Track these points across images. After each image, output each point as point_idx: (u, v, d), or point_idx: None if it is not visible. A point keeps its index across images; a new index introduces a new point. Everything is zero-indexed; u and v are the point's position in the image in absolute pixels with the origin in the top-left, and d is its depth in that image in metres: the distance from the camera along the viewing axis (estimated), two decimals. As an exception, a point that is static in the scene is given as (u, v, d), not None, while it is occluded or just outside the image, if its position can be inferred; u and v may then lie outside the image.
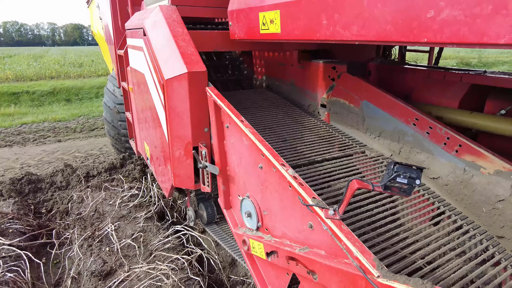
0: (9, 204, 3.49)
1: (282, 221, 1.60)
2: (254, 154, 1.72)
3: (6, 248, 2.74)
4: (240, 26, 2.21)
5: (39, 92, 13.18)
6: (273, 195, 1.63)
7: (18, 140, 6.73)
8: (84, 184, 4.10)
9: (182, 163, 2.20)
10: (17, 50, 34.20)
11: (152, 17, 2.43)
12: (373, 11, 1.29)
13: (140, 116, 3.07)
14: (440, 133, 2.02)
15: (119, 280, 2.37)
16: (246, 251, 1.86)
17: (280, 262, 1.58)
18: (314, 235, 1.37)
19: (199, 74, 2.02)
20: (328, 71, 2.69)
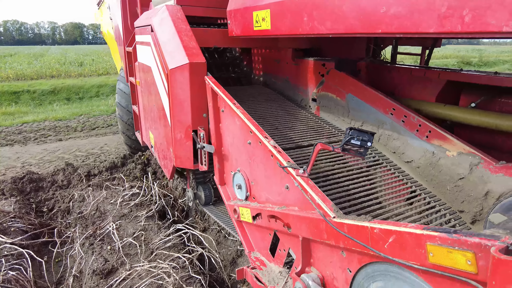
0: (11, 203, 3.51)
1: (266, 188, 1.90)
2: (244, 133, 2.00)
3: (8, 246, 2.75)
4: (237, 24, 2.46)
5: (39, 91, 13.19)
6: (259, 166, 1.93)
7: (19, 139, 6.74)
8: (85, 183, 4.12)
9: (182, 145, 2.47)
10: (17, 49, 34.19)
11: (159, 15, 2.69)
12: (342, 9, 1.57)
13: (146, 106, 3.31)
14: (413, 121, 2.27)
15: (121, 279, 2.39)
16: (236, 219, 2.19)
17: (263, 222, 1.89)
18: (290, 195, 1.69)
19: (199, 65, 2.28)
20: (318, 68, 2.94)
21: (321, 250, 1.52)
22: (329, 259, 1.47)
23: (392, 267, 1.19)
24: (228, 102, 2.07)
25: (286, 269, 1.84)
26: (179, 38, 2.40)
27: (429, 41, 3.71)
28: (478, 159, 1.92)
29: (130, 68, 3.82)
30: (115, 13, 4.43)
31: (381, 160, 2.29)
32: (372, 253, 1.18)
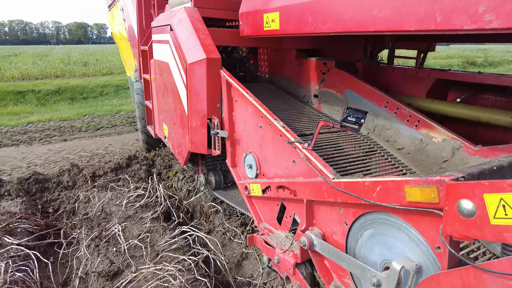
0: (17, 204, 3.53)
1: (275, 164, 2.20)
2: (256, 118, 2.31)
3: (15, 247, 2.77)
4: (248, 25, 2.75)
5: (44, 91, 13.27)
6: (268, 146, 2.24)
7: (24, 139, 6.78)
8: (91, 184, 4.13)
9: (198, 132, 2.77)
10: (22, 49, 34.41)
11: (178, 16, 2.98)
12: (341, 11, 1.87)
13: (160, 100, 3.58)
14: (404, 112, 2.57)
15: (127, 281, 2.39)
16: (247, 195, 2.50)
17: (272, 193, 2.18)
18: (296, 168, 1.97)
19: (215, 60, 2.58)
20: (320, 67, 3.24)
21: (322, 210, 1.81)
22: (329, 217, 1.77)
23: (379, 214, 1.48)
24: (242, 91, 2.39)
25: (291, 233, 2.11)
26: (197, 36, 2.69)
27: (423, 45, 3.95)
28: (459, 143, 2.19)
29: (145, 65, 4.06)
30: (129, 14, 4.71)
31: (376, 148, 2.56)
32: (364, 203, 1.47)
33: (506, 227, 0.97)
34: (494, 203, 1.00)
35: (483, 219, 1.03)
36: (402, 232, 1.40)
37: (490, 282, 1.02)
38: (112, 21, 6.64)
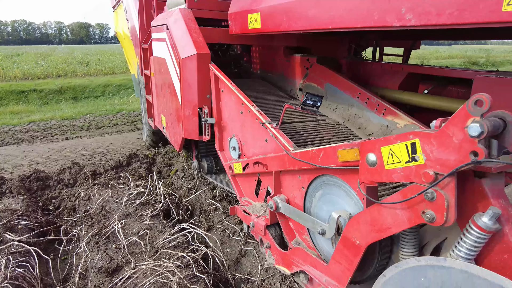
0: (18, 201, 3.55)
1: (252, 145, 2.51)
2: (238, 105, 2.60)
3: (15, 244, 2.79)
4: (236, 24, 3.06)
5: (46, 90, 13.33)
6: (248, 129, 2.53)
7: (26, 138, 6.81)
8: (91, 182, 4.15)
9: (190, 120, 3.06)
10: (24, 49, 34.56)
11: (173, 16, 3.27)
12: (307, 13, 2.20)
13: (159, 93, 3.89)
14: (373, 102, 2.85)
15: (126, 277, 2.41)
16: (231, 174, 2.82)
17: (250, 169, 2.50)
18: (268, 146, 2.30)
19: (204, 55, 2.88)
20: (304, 63, 3.54)
21: (286, 179, 2.15)
22: (291, 184, 2.10)
23: (326, 177, 1.81)
24: (227, 83, 2.68)
25: (265, 203, 2.38)
26: (189, 34, 2.98)
27: (408, 43, 4.28)
28: (418, 128, 2.45)
29: (145, 62, 4.39)
30: (132, 14, 5.03)
31: (349, 134, 2.78)
32: (314, 168, 1.79)
33: (393, 170, 1.31)
34: (386, 153, 1.32)
35: (381, 166, 1.36)
36: (341, 189, 1.72)
37: (387, 214, 1.36)
38: (116, 21, 6.86)
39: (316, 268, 1.90)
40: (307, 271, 1.97)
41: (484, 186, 1.16)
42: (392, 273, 1.30)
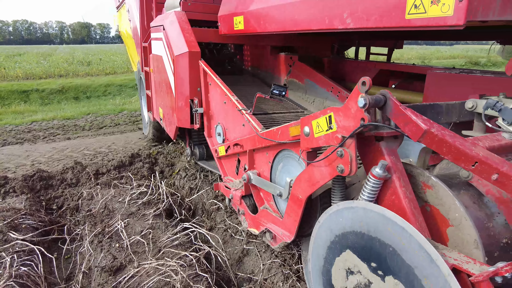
0: (22, 200, 3.57)
1: (233, 130, 2.91)
2: (222, 96, 2.99)
3: (19, 243, 2.81)
4: (224, 25, 3.42)
5: (48, 90, 13.37)
6: (229, 117, 2.93)
7: (28, 138, 6.84)
8: (94, 182, 4.17)
9: (183, 110, 3.45)
10: (26, 49, 34.60)
11: (169, 18, 3.66)
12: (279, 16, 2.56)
13: (157, 88, 4.26)
14: (343, 95, 3.33)
15: (129, 276, 2.43)
16: (217, 156, 3.22)
17: (231, 151, 2.88)
18: (244, 130, 2.68)
19: (195, 53, 3.26)
20: (288, 60, 4.00)
21: (257, 156, 2.54)
22: (261, 160, 2.49)
23: (284, 151, 2.20)
24: (214, 77, 3.09)
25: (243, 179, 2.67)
26: (182, 34, 3.35)
27: (390, 43, 4.61)
28: None
29: (146, 60, 4.74)
30: (133, 15, 5.34)
31: None
32: (275, 144, 2.18)
33: (319, 137, 1.70)
34: (315, 125, 1.70)
35: (312, 135, 1.74)
36: (294, 160, 2.10)
37: (316, 171, 1.77)
38: (120, 21, 7.12)
39: (276, 224, 2.33)
40: (270, 228, 2.36)
41: (381, 146, 1.51)
42: (323, 218, 1.63)
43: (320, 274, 1.69)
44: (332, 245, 1.59)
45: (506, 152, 1.53)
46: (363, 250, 1.42)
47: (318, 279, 1.73)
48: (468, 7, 1.44)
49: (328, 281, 1.64)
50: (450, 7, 1.49)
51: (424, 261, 1.16)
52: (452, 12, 1.49)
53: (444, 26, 1.55)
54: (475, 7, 1.46)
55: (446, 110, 1.91)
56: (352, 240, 1.47)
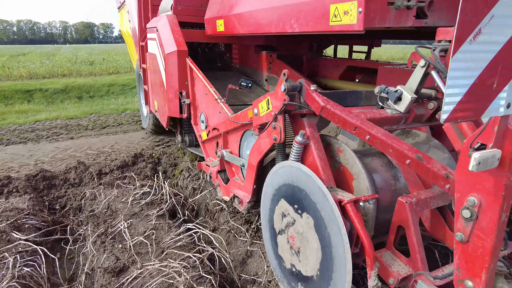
0: (25, 200, 3.57)
1: (213, 117, 3.35)
2: (204, 88, 3.44)
3: (22, 243, 2.80)
4: (209, 27, 3.89)
5: (51, 89, 13.41)
6: (210, 106, 3.37)
7: (32, 137, 6.85)
8: (97, 182, 4.16)
9: (173, 102, 3.93)
10: (30, 48, 34.77)
11: (162, 20, 4.16)
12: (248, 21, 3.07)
13: (153, 83, 4.76)
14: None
15: (132, 277, 2.41)
16: (201, 141, 3.67)
17: (211, 134, 3.32)
18: (220, 116, 3.11)
19: (183, 51, 3.74)
20: (268, 58, 4.48)
21: (229, 137, 3.00)
22: (232, 140, 2.96)
23: (248, 131, 2.65)
24: (197, 73, 3.54)
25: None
26: (172, 35, 3.81)
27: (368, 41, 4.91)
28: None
29: (143, 57, 5.24)
30: (133, 16, 5.74)
31: None
32: (239, 126, 2.68)
33: (263, 116, 2.17)
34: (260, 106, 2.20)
35: (259, 115, 2.22)
36: (253, 137, 2.51)
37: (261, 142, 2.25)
38: (121, 21, 7.44)
39: (240, 189, 2.75)
40: (236, 193, 2.77)
41: (303, 121, 1.97)
42: (267, 178, 2.12)
43: (267, 222, 2.19)
44: (273, 197, 2.08)
45: (387, 123, 1.98)
46: (290, 197, 1.91)
47: (266, 226, 2.22)
48: (365, 17, 1.92)
49: (272, 226, 2.13)
50: (354, 16, 1.97)
51: (321, 198, 1.65)
52: (355, 20, 1.97)
53: (352, 31, 2.02)
54: (372, 17, 1.93)
55: (365, 96, 2.33)
56: (284, 190, 1.96)
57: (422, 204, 1.64)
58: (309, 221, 1.75)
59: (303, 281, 1.87)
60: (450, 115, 1.03)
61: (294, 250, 1.92)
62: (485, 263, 1.31)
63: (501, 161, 1.21)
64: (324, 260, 1.68)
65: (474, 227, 1.31)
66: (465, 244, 1.36)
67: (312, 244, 1.75)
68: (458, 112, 1.04)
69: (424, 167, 1.54)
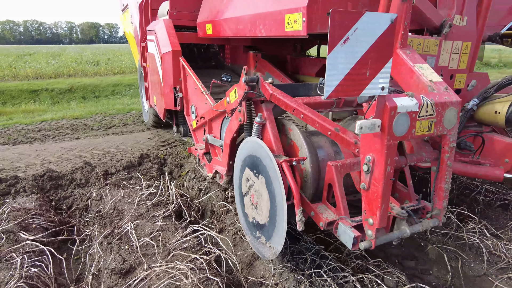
0: (32, 200, 3.58)
1: (200, 108, 3.82)
2: (194, 84, 3.94)
3: (30, 243, 2.81)
4: (200, 30, 4.45)
5: (57, 89, 13.49)
6: (199, 98, 3.85)
7: (38, 137, 6.88)
8: (103, 182, 4.17)
9: (168, 96, 4.47)
10: (36, 48, 35.04)
11: (159, 24, 4.72)
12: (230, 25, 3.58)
13: (152, 80, 5.31)
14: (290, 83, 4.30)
15: (139, 279, 2.40)
16: (192, 129, 4.18)
17: (199, 122, 3.81)
18: (206, 106, 3.56)
19: (177, 51, 4.26)
20: (254, 57, 4.99)
21: (213, 124, 3.49)
22: (215, 126, 3.45)
23: (226, 118, 3.06)
24: (188, 70, 4.06)
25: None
26: (168, 37, 4.35)
27: None
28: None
29: (144, 57, 5.79)
30: (135, 19, 6.26)
31: None
32: (219, 113, 3.17)
33: (233, 103, 2.65)
34: (230, 95, 2.70)
35: (230, 102, 2.73)
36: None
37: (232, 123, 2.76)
38: (125, 23, 7.91)
39: (219, 165, 3.27)
40: (217, 169, 3.30)
41: (262, 106, 2.46)
42: (237, 152, 2.61)
43: (238, 189, 2.71)
44: (241, 168, 2.59)
45: (321, 107, 2.51)
46: (251, 164, 2.41)
47: (237, 192, 2.75)
48: (308, 25, 2.40)
49: (240, 191, 2.66)
50: (300, 24, 2.46)
51: (269, 162, 2.17)
52: (301, 27, 2.45)
53: (300, 36, 2.52)
54: (314, 24, 2.41)
55: (315, 87, 2.77)
56: (248, 160, 2.46)
57: (346, 167, 2.09)
58: (263, 181, 2.28)
59: (260, 229, 2.42)
60: (332, 93, 1.53)
61: (254, 205, 2.46)
62: (378, 203, 1.79)
63: (381, 128, 1.69)
64: (271, 209, 2.23)
65: (371, 178, 1.80)
66: (366, 191, 1.85)
67: (264, 198, 2.28)
68: (338, 91, 1.53)
69: (340, 137, 2.07)
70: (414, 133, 1.80)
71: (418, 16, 2.52)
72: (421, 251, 3.02)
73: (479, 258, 2.85)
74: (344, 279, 2.34)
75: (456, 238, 3.07)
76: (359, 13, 1.47)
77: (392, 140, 1.71)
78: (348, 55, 1.49)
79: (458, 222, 3.17)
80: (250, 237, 2.60)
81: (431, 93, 1.98)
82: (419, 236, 3.18)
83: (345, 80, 1.52)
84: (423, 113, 1.82)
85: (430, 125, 1.87)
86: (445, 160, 2.03)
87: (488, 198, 3.59)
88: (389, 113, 1.66)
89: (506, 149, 2.80)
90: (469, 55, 2.95)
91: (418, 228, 2.03)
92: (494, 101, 2.84)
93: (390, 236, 1.96)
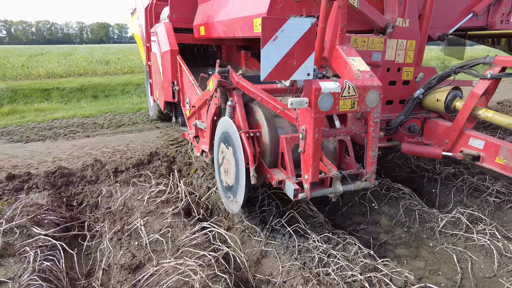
0: (44, 196, 3.65)
1: (193, 98, 4.18)
2: (188, 78, 4.37)
3: (42, 238, 2.87)
4: (196, 32, 4.93)
5: (68, 88, 13.69)
6: (191, 90, 4.29)
7: (50, 135, 7.01)
8: (113, 179, 4.23)
9: (167, 89, 4.98)
10: (48, 48, 35.61)
11: (160, 27, 5.25)
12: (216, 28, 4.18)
13: (155, 76, 5.88)
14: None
15: (148, 274, 2.43)
16: (186, 118, 4.59)
17: (191, 111, 4.18)
18: (197, 97, 3.91)
19: (175, 50, 4.73)
20: (245, 56, 5.41)
21: (201, 111, 3.87)
22: (202, 112, 3.81)
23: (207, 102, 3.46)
24: (183, 66, 4.55)
25: None
26: (167, 38, 4.86)
27: None
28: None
29: (148, 56, 6.41)
30: (142, 22, 6.81)
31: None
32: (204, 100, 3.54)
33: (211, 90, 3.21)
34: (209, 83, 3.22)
35: (209, 89, 3.23)
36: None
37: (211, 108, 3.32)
38: (133, 25, 8.53)
39: (204, 144, 3.69)
40: (203, 148, 3.71)
41: (234, 92, 2.92)
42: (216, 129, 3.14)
43: (216, 160, 3.20)
44: (218, 143, 3.08)
45: (277, 92, 2.92)
46: (224, 139, 2.92)
47: (216, 164, 3.24)
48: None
49: (218, 162, 3.18)
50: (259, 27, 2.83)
51: (235, 135, 2.69)
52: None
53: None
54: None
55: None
56: (222, 136, 2.98)
57: (295, 139, 2.52)
58: (231, 150, 2.80)
59: (230, 190, 2.95)
60: (266, 77, 2.06)
61: (226, 172, 2.98)
62: (310, 162, 2.28)
63: (309, 105, 2.19)
64: (236, 172, 2.76)
65: (305, 143, 2.29)
66: (303, 154, 2.35)
67: (232, 164, 2.81)
68: (272, 76, 2.08)
69: (286, 114, 2.50)
70: (338, 109, 2.28)
71: (364, 19, 3.09)
72: (430, 251, 2.99)
73: (490, 260, 2.81)
74: (352, 278, 2.34)
75: (465, 239, 3.04)
76: (284, 19, 1.98)
77: (319, 114, 2.19)
78: (277, 50, 2.02)
79: (468, 223, 3.14)
80: (224, 199, 3.13)
81: (356, 79, 2.44)
82: (428, 237, 3.16)
83: (276, 68, 2.06)
84: (346, 94, 2.29)
85: (352, 103, 2.34)
86: (370, 133, 2.46)
87: (499, 199, 3.54)
88: (314, 93, 2.15)
89: (446, 132, 3.25)
90: (414, 51, 3.39)
91: (350, 187, 2.44)
92: (436, 90, 3.33)
93: (324, 190, 2.43)
